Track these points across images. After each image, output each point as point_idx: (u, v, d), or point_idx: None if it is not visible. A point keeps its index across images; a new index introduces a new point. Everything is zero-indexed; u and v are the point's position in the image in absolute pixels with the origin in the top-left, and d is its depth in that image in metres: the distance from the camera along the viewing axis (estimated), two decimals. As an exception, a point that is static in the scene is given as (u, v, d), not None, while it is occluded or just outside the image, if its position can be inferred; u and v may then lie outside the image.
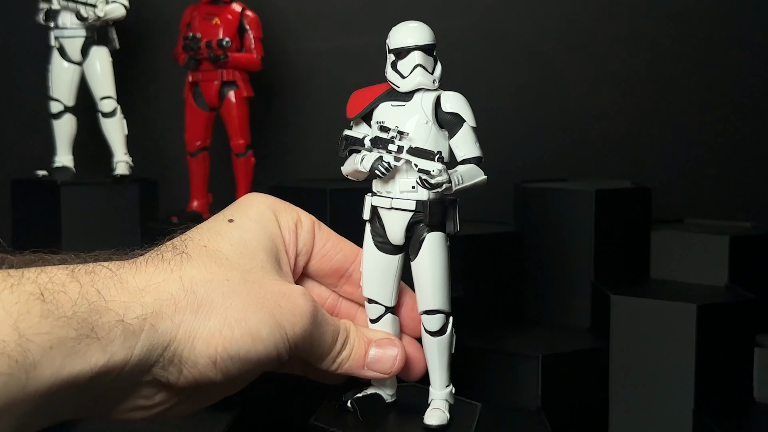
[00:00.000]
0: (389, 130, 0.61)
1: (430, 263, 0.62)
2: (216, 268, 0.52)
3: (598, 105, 1.56)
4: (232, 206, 0.59)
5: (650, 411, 1.12)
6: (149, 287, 0.49)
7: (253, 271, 0.53)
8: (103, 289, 0.47)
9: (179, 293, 0.50)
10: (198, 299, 0.50)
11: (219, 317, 0.50)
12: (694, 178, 1.56)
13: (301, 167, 1.51)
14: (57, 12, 1.29)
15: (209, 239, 0.54)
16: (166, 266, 0.51)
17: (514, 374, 1.11)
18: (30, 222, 1.29)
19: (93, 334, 0.45)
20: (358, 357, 0.59)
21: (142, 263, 0.51)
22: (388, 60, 0.64)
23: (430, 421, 0.62)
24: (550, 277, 1.29)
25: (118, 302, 0.47)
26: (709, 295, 1.16)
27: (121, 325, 0.47)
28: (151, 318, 0.48)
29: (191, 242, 0.54)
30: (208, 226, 0.56)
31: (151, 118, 1.53)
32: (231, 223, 0.56)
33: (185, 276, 0.51)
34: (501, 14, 1.55)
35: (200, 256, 0.52)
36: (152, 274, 0.50)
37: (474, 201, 1.53)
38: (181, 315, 0.49)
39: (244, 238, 0.55)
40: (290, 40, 1.52)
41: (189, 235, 0.55)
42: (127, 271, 0.50)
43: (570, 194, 1.29)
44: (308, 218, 0.60)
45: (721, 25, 1.54)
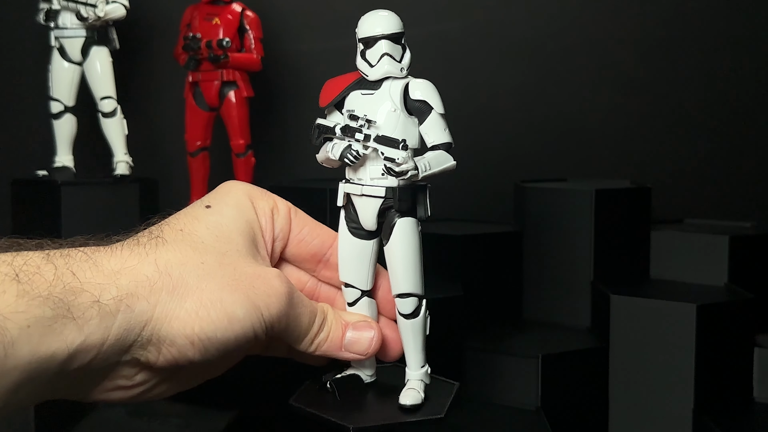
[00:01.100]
0: (358, 118, 0.62)
1: (401, 248, 0.63)
2: (191, 252, 0.53)
3: (598, 105, 1.56)
4: (211, 194, 0.60)
5: (650, 411, 1.12)
6: (124, 270, 0.50)
7: (228, 254, 0.55)
8: (78, 272, 0.49)
9: (154, 275, 0.51)
10: (173, 281, 0.51)
11: (195, 299, 0.51)
12: (694, 178, 1.56)
13: (301, 167, 1.51)
14: (57, 12, 1.29)
15: (185, 223, 0.56)
16: (141, 250, 0.52)
17: (514, 374, 1.11)
18: (30, 222, 1.29)
19: (69, 314, 0.47)
20: (336, 339, 0.61)
21: (117, 248, 0.52)
22: (358, 49, 0.64)
23: (405, 401, 0.63)
24: (550, 277, 1.29)
25: (93, 284, 0.49)
26: (709, 295, 1.16)
27: (97, 305, 0.48)
28: (127, 299, 0.49)
29: (167, 227, 0.55)
30: (185, 212, 0.57)
31: (151, 118, 1.53)
32: (208, 209, 0.57)
33: (160, 259, 0.52)
34: (501, 14, 1.55)
35: (175, 240, 0.54)
36: (127, 257, 0.51)
37: (474, 201, 1.54)
38: (156, 296, 0.50)
39: (220, 223, 0.56)
40: (290, 40, 1.52)
41: (166, 220, 0.57)
42: (102, 255, 0.51)
43: (570, 194, 1.29)
44: (284, 204, 0.62)
45: (722, 26, 1.54)
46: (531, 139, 1.56)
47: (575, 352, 1.15)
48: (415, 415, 0.62)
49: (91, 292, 0.48)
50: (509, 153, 1.55)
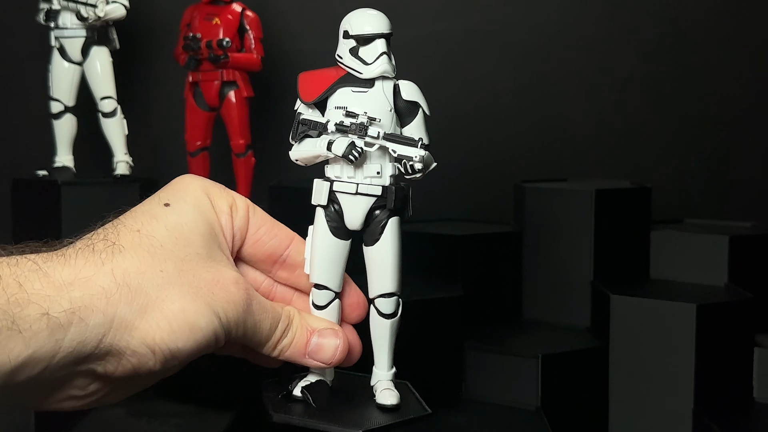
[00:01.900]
0: (356, 115, 0.62)
1: (391, 248, 0.63)
2: (149, 258, 0.51)
3: (598, 105, 1.56)
4: (167, 189, 0.58)
5: (650, 411, 1.12)
6: (78, 281, 0.48)
7: (188, 258, 0.53)
8: (26, 282, 0.46)
9: (111, 287, 0.49)
10: (132, 292, 0.50)
11: (155, 310, 0.50)
12: (694, 178, 1.56)
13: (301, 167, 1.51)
14: (57, 12, 1.29)
15: (143, 223, 0.54)
16: (97, 258, 0.50)
17: (514, 374, 1.11)
18: (30, 222, 1.29)
19: (14, 327, 0.45)
20: (299, 345, 0.60)
21: (71, 255, 0.50)
22: (345, 45, 0.64)
23: (386, 401, 0.63)
24: (550, 277, 1.29)
25: (42, 295, 0.46)
26: (709, 295, 1.16)
27: (46, 318, 0.46)
28: (81, 312, 0.47)
29: (124, 228, 0.53)
30: (142, 209, 0.56)
31: (151, 118, 1.53)
32: (167, 207, 0.56)
33: (117, 269, 0.50)
34: (501, 15, 1.55)
35: (133, 245, 0.52)
36: (81, 267, 0.49)
37: (474, 201, 1.54)
38: (114, 308, 0.49)
39: (179, 223, 0.55)
40: (290, 40, 1.52)
41: (122, 219, 0.54)
42: (54, 264, 0.49)
43: (570, 194, 1.29)
44: (243, 201, 0.60)
45: (722, 26, 1.54)
46: (531, 139, 1.56)
47: (575, 352, 1.15)
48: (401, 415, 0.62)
49: (39, 304, 0.46)
50: (509, 153, 1.55)
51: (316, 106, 0.64)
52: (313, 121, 0.63)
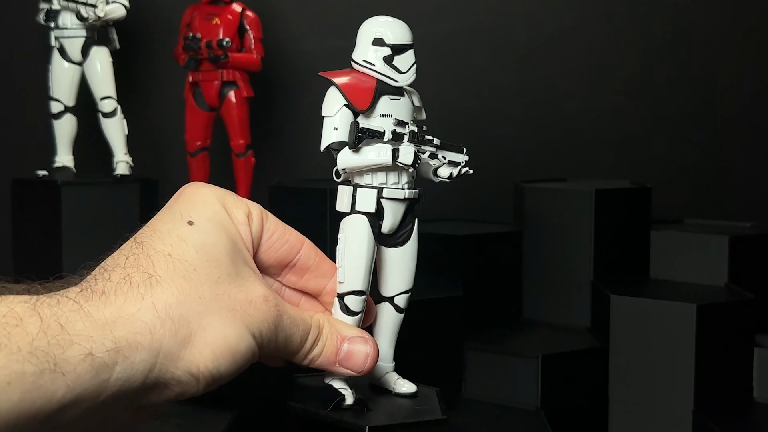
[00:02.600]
0: (406, 124, 0.63)
1: (414, 247, 0.67)
2: (187, 286, 0.51)
3: (598, 105, 1.56)
4: (183, 201, 0.57)
5: (650, 411, 1.12)
6: (121, 319, 0.48)
7: (220, 280, 0.53)
8: (68, 323, 0.45)
9: (154, 322, 0.48)
10: (175, 324, 0.49)
11: (198, 338, 0.50)
12: (694, 178, 1.56)
13: (301, 167, 1.51)
14: (57, 12, 1.29)
15: (173, 246, 0.53)
16: (136, 292, 0.49)
17: (514, 374, 1.11)
18: (30, 222, 1.29)
19: (57, 369, 0.44)
20: (330, 354, 0.60)
21: (110, 293, 0.49)
22: (377, 52, 0.64)
23: (407, 389, 0.66)
24: (550, 277, 1.29)
25: (85, 336, 0.46)
26: (709, 295, 1.16)
27: (90, 358, 0.45)
28: (125, 350, 0.47)
29: (155, 253, 0.52)
30: (166, 228, 0.54)
31: (151, 118, 1.53)
32: (191, 226, 0.54)
33: (158, 301, 0.49)
34: (500, 15, 1.55)
35: (168, 273, 0.51)
36: (122, 304, 0.48)
37: (474, 201, 1.54)
38: (158, 343, 0.48)
39: (206, 243, 0.54)
40: (290, 40, 1.52)
41: (149, 242, 0.53)
42: (95, 303, 0.48)
43: (570, 194, 1.29)
44: (257, 209, 0.60)
45: (722, 26, 1.54)
46: (531, 139, 1.56)
47: (575, 352, 1.15)
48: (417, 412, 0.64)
49: (82, 345, 0.45)
50: (509, 153, 1.55)
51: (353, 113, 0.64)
52: (371, 130, 0.63)
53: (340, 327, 0.61)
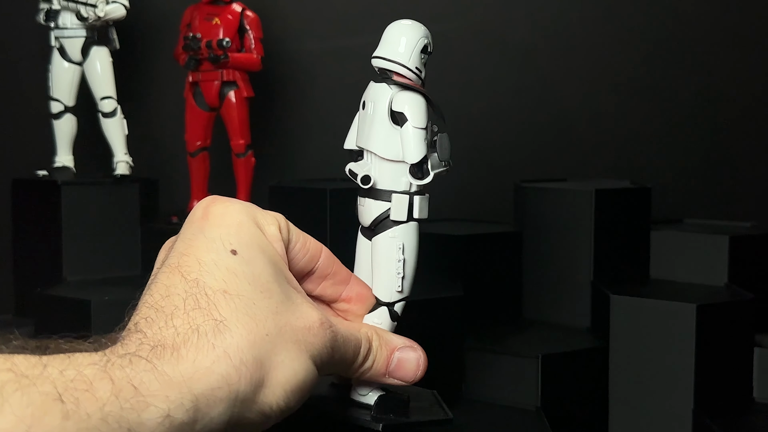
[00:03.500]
0: None
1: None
2: (253, 325, 0.49)
3: (598, 105, 1.56)
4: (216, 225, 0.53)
5: (650, 411, 1.12)
6: (197, 374, 0.45)
7: (279, 311, 0.51)
8: (142, 385, 0.43)
9: (230, 371, 0.47)
10: (249, 369, 0.48)
11: (271, 379, 0.49)
12: (694, 178, 1.56)
13: (301, 167, 1.51)
14: (57, 12, 1.29)
15: (226, 281, 0.50)
16: (207, 343, 0.47)
17: (514, 374, 1.11)
18: (30, 222, 1.29)
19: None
20: (381, 366, 0.60)
21: (181, 346, 0.46)
22: (423, 59, 0.65)
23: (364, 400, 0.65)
24: (550, 277, 1.29)
25: (161, 397, 0.43)
26: (709, 295, 1.16)
27: (167, 420, 0.43)
28: (204, 407, 0.45)
29: (212, 292, 0.49)
30: (212, 261, 0.51)
31: (151, 118, 1.53)
32: (236, 256, 0.52)
33: (229, 348, 0.47)
34: (500, 14, 1.55)
35: (232, 314, 0.49)
36: (195, 358, 0.46)
37: (474, 201, 1.54)
38: (235, 393, 0.47)
39: (255, 273, 0.52)
40: (290, 40, 1.52)
41: (201, 278, 0.50)
42: (168, 360, 0.45)
43: (570, 194, 1.29)
44: (284, 222, 0.58)
45: (721, 25, 1.54)
46: (531, 139, 1.56)
47: (575, 352, 1.15)
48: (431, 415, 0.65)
49: (159, 407, 0.43)
50: (509, 153, 1.55)
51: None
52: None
53: (388, 338, 0.61)
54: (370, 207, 0.63)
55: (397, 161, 0.62)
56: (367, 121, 0.63)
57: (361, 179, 0.63)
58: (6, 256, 1.34)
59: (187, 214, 1.40)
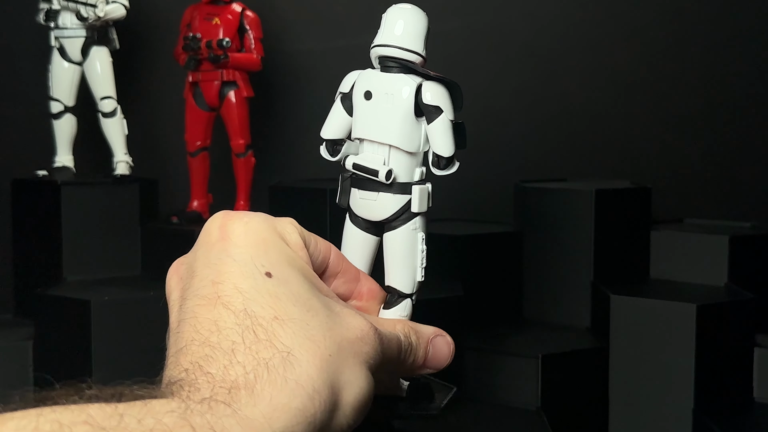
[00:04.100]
0: None
1: None
2: (315, 348, 0.47)
3: (598, 105, 1.56)
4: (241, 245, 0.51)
5: (650, 411, 1.12)
6: (276, 413, 0.43)
7: (330, 326, 0.50)
8: (224, 431, 0.41)
9: (305, 404, 0.45)
10: (321, 396, 0.46)
11: (343, 403, 0.48)
12: (694, 178, 1.56)
13: (301, 167, 1.51)
14: (57, 12, 1.29)
15: (274, 308, 0.48)
16: (279, 377, 0.45)
17: (514, 374, 1.11)
18: (30, 222, 1.29)
19: None
20: (420, 359, 0.59)
21: (255, 385, 0.44)
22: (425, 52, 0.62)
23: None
24: (550, 277, 1.29)
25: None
26: (709, 295, 1.16)
27: None
28: None
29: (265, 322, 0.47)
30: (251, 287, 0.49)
31: (151, 118, 1.53)
32: (272, 279, 0.50)
33: (301, 379, 0.45)
34: (500, 14, 1.55)
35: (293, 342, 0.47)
36: (270, 395, 0.44)
37: (474, 201, 1.54)
38: (312, 424, 0.45)
39: (296, 294, 0.50)
40: (290, 40, 1.52)
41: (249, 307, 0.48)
42: (246, 404, 0.43)
43: (570, 194, 1.29)
44: (298, 227, 0.57)
45: (722, 25, 1.54)
46: (531, 139, 1.56)
47: (575, 352, 1.15)
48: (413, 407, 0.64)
49: None
50: (509, 153, 1.55)
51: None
52: None
53: (421, 330, 0.61)
54: (386, 201, 0.61)
55: (414, 153, 0.61)
56: (378, 113, 0.61)
57: (385, 174, 0.60)
58: (6, 256, 1.34)
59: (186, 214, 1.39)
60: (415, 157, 0.61)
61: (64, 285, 1.21)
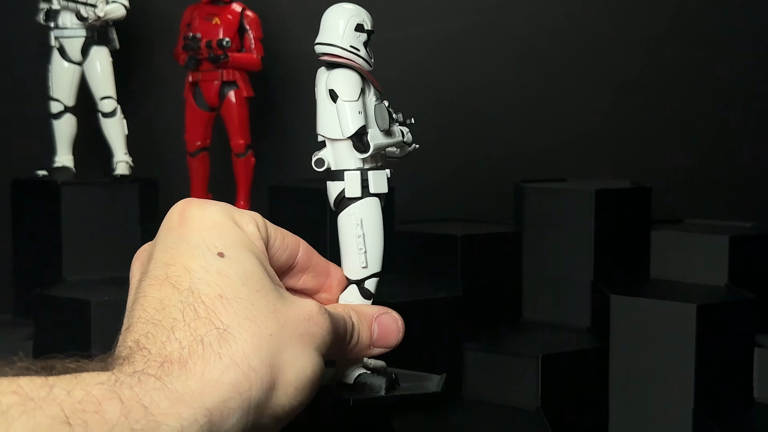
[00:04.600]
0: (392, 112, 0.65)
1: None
2: (255, 327, 0.48)
3: (598, 105, 1.56)
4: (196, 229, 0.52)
5: (650, 411, 1.12)
6: (207, 388, 0.44)
7: (276, 308, 0.50)
8: (152, 404, 0.41)
9: (240, 379, 0.45)
10: (258, 373, 0.46)
11: (281, 380, 0.48)
12: (694, 178, 1.56)
13: (301, 167, 1.50)
14: (57, 12, 1.29)
15: (220, 286, 0.49)
16: (212, 353, 0.45)
17: (514, 374, 1.11)
18: (30, 222, 1.29)
19: None
20: (365, 339, 0.59)
21: (187, 360, 0.45)
22: (359, 38, 0.65)
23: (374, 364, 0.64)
24: (550, 277, 1.29)
25: (173, 415, 0.42)
26: (709, 295, 1.16)
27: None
28: (218, 420, 0.44)
29: (208, 299, 0.48)
30: (200, 266, 0.50)
31: (151, 118, 1.53)
32: (224, 258, 0.50)
33: (236, 355, 0.46)
34: (500, 14, 1.55)
35: (232, 319, 0.47)
36: (203, 369, 0.44)
37: (474, 201, 1.54)
38: (247, 401, 0.45)
39: (246, 273, 0.50)
40: (290, 40, 1.52)
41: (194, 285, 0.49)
42: (176, 376, 0.44)
43: (570, 194, 1.29)
44: (260, 219, 0.57)
45: (722, 25, 1.54)
46: (531, 139, 1.56)
47: (575, 352, 1.15)
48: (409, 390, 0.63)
49: (171, 425, 0.41)
50: (509, 153, 1.55)
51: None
52: (391, 111, 0.65)
53: (363, 310, 0.61)
54: (330, 188, 0.65)
55: (340, 139, 0.64)
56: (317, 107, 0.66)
57: (314, 162, 0.65)
58: (6, 256, 1.34)
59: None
60: (348, 144, 0.64)
61: (64, 285, 1.21)
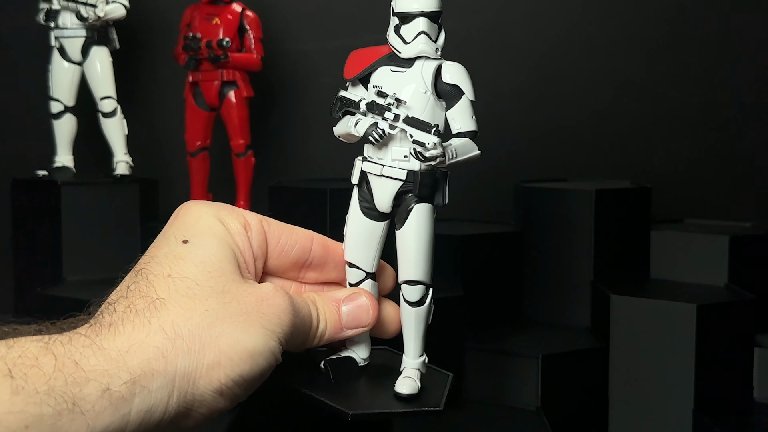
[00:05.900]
0: (386, 96, 0.60)
1: (416, 234, 0.61)
2: (191, 302, 0.50)
3: (598, 105, 1.56)
4: (177, 223, 0.56)
5: (650, 411, 1.12)
6: (132, 348, 0.47)
7: (227, 289, 0.52)
8: (82, 360, 0.44)
9: (165, 344, 0.48)
10: (186, 341, 0.48)
11: (212, 350, 0.49)
12: (694, 178, 1.56)
13: (301, 167, 1.51)
14: (57, 12, 1.29)
15: (171, 267, 0.52)
16: (142, 318, 0.48)
17: (514, 374, 1.11)
18: (30, 222, 1.29)
19: (75, 409, 0.43)
20: (334, 322, 0.59)
21: (118, 323, 0.48)
22: (391, 23, 0.62)
23: (402, 390, 0.61)
24: (550, 277, 1.29)
25: (100, 371, 0.45)
26: (709, 295, 1.16)
27: (107, 394, 0.44)
28: (142, 380, 0.46)
29: (154, 277, 0.51)
30: (163, 252, 0.53)
31: (151, 118, 1.53)
32: (187, 244, 0.53)
33: (165, 323, 0.48)
34: (501, 15, 1.55)
35: (170, 293, 0.50)
36: (131, 333, 0.47)
37: (474, 201, 1.54)
38: (173, 365, 0.47)
39: (205, 256, 0.53)
40: (290, 40, 1.52)
41: (147, 267, 0.52)
42: (105, 337, 0.47)
43: (570, 194, 1.29)
44: (254, 217, 0.58)
45: (721, 26, 1.54)
46: (531, 139, 1.56)
47: (575, 352, 1.15)
48: (412, 405, 0.60)
49: (98, 381, 0.44)
50: (509, 153, 1.55)
51: (362, 83, 0.62)
52: (348, 99, 0.61)
53: (329, 294, 0.61)
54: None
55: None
56: None
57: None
58: (6, 256, 1.34)
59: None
60: None
61: (64, 285, 1.21)
